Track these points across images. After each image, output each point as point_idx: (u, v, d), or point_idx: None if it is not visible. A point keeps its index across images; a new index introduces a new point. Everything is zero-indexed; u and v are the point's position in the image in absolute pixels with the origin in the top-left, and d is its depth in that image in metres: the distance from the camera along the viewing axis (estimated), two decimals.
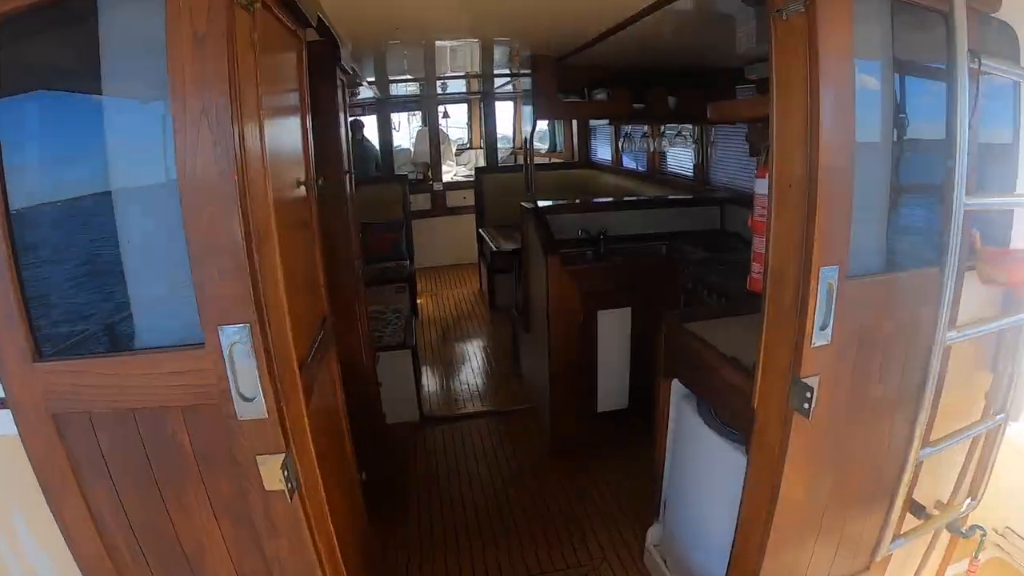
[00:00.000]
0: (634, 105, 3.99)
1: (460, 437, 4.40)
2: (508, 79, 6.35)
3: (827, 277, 1.52)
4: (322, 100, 2.83)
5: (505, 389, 5.02)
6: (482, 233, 6.48)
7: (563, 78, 3.87)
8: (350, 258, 3.04)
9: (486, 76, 5.70)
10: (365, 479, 3.47)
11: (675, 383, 2.58)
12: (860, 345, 1.71)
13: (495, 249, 5.52)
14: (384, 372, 4.41)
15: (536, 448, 4.15)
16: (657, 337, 2.63)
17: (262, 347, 1.42)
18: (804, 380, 1.61)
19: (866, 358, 1.73)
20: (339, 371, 2.37)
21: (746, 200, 4.33)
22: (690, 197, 4.80)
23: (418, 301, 7.00)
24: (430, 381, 5.25)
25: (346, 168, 2.97)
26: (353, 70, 4.51)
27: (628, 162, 6.63)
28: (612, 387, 4.02)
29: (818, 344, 1.58)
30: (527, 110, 9.61)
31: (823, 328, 1.57)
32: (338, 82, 3.00)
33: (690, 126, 4.75)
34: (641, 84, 4.04)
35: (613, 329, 3.87)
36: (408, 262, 6.59)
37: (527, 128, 9.59)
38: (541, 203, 4.19)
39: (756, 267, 1.94)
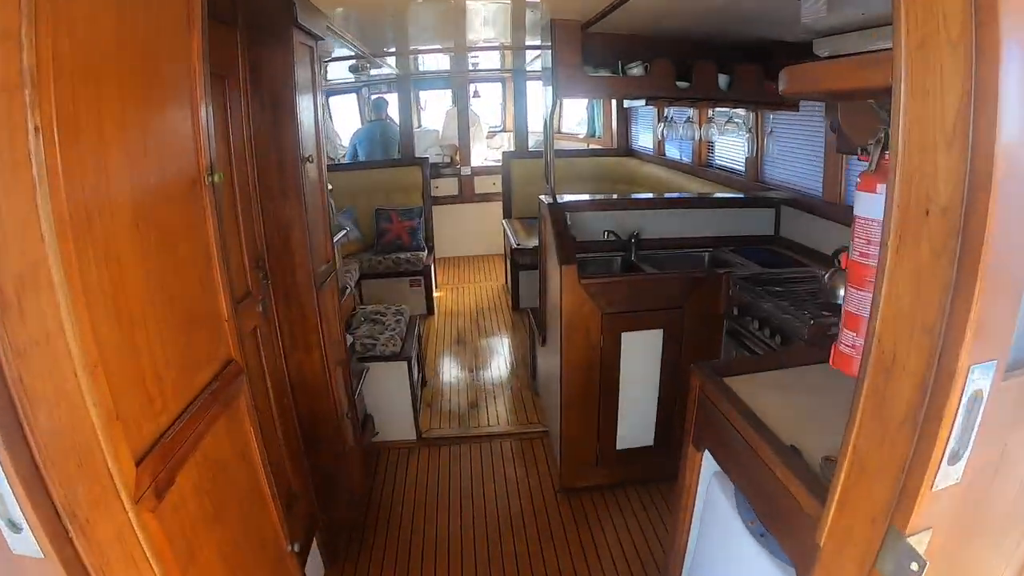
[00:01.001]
0: (677, 83, 3.29)
1: (459, 462, 3.84)
2: (539, 54, 5.67)
3: (977, 380, 0.86)
4: (269, 69, 2.27)
5: (519, 406, 4.43)
6: (504, 226, 5.86)
7: (591, 48, 3.20)
8: (305, 263, 2.46)
9: (516, 48, 5.04)
10: (327, 522, 2.95)
11: (708, 455, 1.93)
12: (996, 476, 1.04)
13: (515, 245, 4.90)
14: (375, 385, 3.89)
15: (545, 483, 3.57)
16: (688, 391, 1.99)
17: (10, 457, 0.86)
18: (910, 540, 0.96)
19: (999, 497, 1.07)
20: (255, 421, 1.80)
21: (808, 203, 3.63)
22: (741, 196, 4.08)
23: (435, 294, 6.44)
24: (435, 391, 4.68)
25: (306, 153, 2.39)
26: (344, 40, 3.92)
27: (672, 151, 5.91)
28: (636, 421, 3.38)
29: (942, 486, 0.93)
30: None
31: (954, 460, 0.92)
32: (301, 48, 2.42)
33: (743, 111, 4.02)
34: (686, 58, 3.34)
35: (640, 354, 3.23)
36: (425, 252, 6.03)
37: (559, 110, 8.90)
38: (562, 197, 3.54)
39: (849, 336, 1.26)
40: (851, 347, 1.25)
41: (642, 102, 3.30)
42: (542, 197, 3.61)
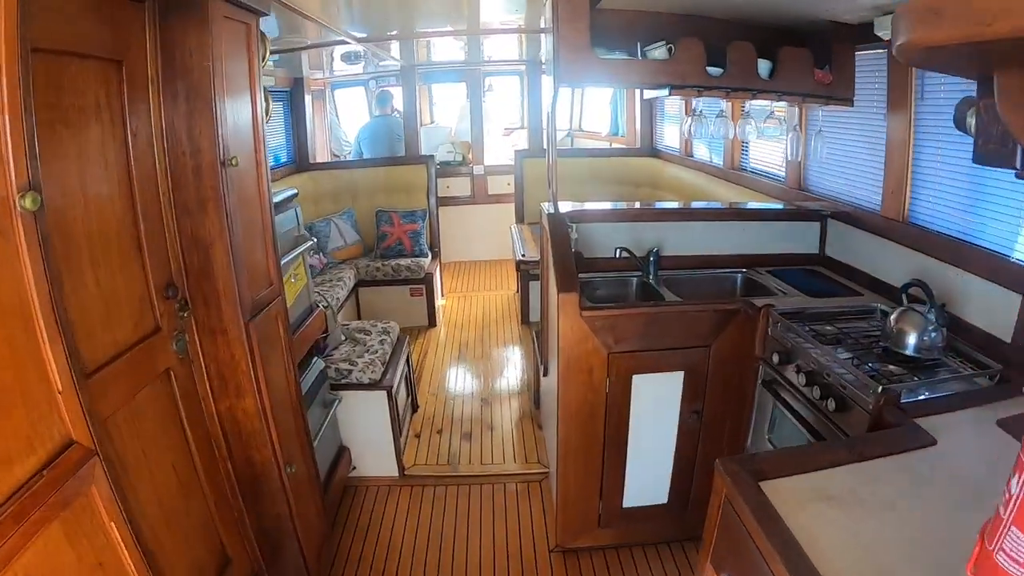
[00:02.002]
0: (708, 69, 2.73)
1: (444, 506, 3.36)
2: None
3: None
4: (183, 52, 1.79)
5: (518, 440, 3.92)
6: (513, 232, 5.33)
7: (602, 27, 2.66)
8: (230, 289, 1.97)
9: (530, 31, 4.49)
10: None
11: None
12: None
13: (522, 256, 4.37)
14: (351, 415, 3.42)
15: (539, 538, 3.07)
16: (711, 495, 1.46)
17: None
18: None
19: None
20: (121, 512, 1.33)
21: (861, 218, 3.06)
22: (779, 207, 3.51)
23: (440, 303, 5.95)
24: (426, 418, 4.18)
25: (228, 155, 1.90)
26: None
27: (700, 152, 5.33)
28: (647, 476, 2.85)
29: None
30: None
31: None
32: (229, 25, 1.93)
33: (784, 104, 3.42)
34: (718, 39, 2.77)
35: (654, 400, 2.70)
36: (428, 259, 5.54)
37: (584, 106, 8.32)
38: (566, 206, 3.00)
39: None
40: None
41: (665, 92, 2.74)
42: (545, 205, 3.08)
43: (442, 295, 6.31)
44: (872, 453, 1.50)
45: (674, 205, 3.87)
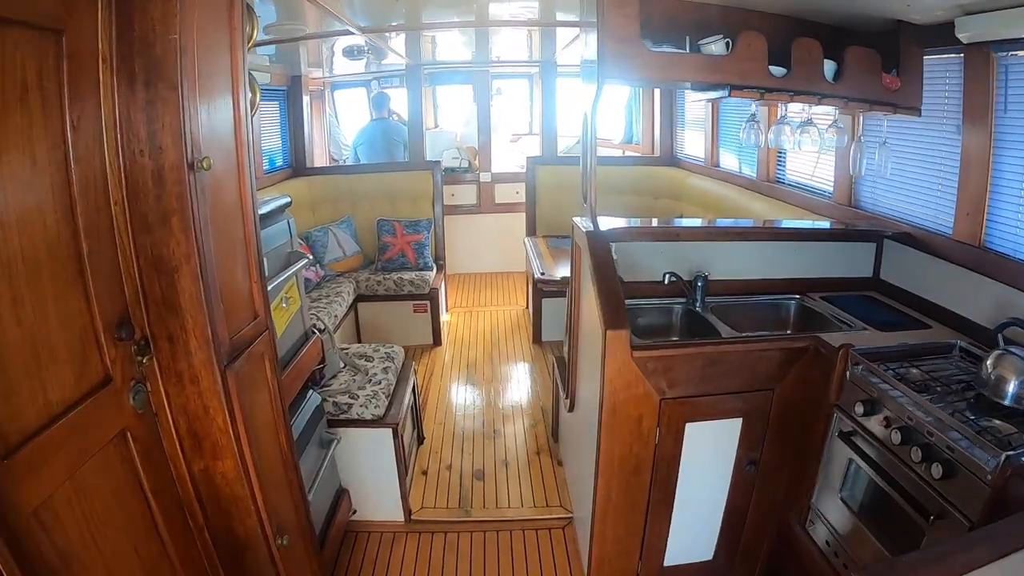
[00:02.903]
0: (770, 68, 2.35)
1: (455, 556, 2.97)
2: (574, 38, 4.76)
3: None
4: (143, 24, 1.39)
5: (536, 478, 3.50)
6: (527, 246, 4.92)
7: (648, 18, 2.26)
8: (200, 327, 1.57)
9: (546, 25, 4.10)
10: None
11: None
12: None
13: (540, 274, 3.96)
14: (351, 454, 3.02)
15: None
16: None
17: None
18: None
19: None
20: None
21: (927, 241, 2.68)
22: (826, 227, 3.13)
23: (444, 318, 5.54)
24: (433, 452, 3.77)
25: (199, 155, 1.50)
26: None
27: (728, 162, 4.94)
28: (693, 532, 2.47)
29: None
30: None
31: None
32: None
33: (834, 111, 3.03)
34: (775, 35, 2.39)
35: (708, 450, 2.31)
36: (433, 272, 5.14)
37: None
38: (606, 222, 2.60)
39: None
40: None
41: (722, 93, 2.36)
42: (578, 221, 2.69)
43: (447, 310, 5.91)
44: (1015, 545, 1.17)
45: (724, 222, 3.47)
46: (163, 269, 1.54)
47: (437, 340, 5.20)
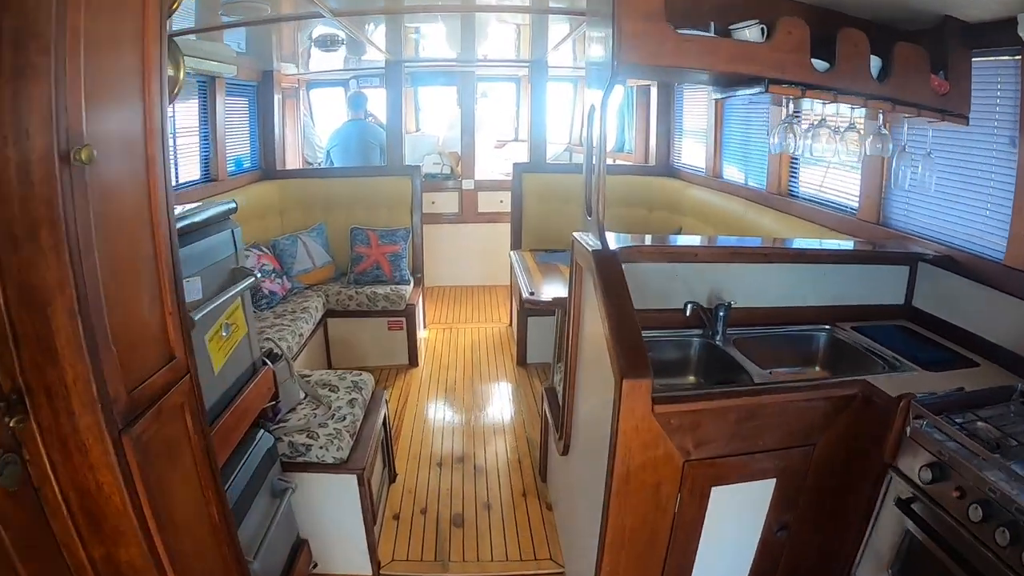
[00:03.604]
0: (813, 61, 1.98)
1: None
2: (567, 35, 4.38)
3: None
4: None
5: (522, 524, 3.09)
6: (513, 261, 4.51)
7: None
8: (83, 378, 1.15)
9: (538, 11, 3.71)
10: None
11: None
12: None
13: (528, 294, 3.55)
14: (310, 501, 2.59)
15: None
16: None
17: None
18: None
19: None
20: None
21: (970, 265, 2.33)
22: (868, 249, 2.77)
23: (422, 336, 5.12)
24: (406, 491, 3.34)
25: (71, 143, 1.07)
26: None
27: (731, 173, 4.60)
28: None
29: None
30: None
31: None
32: None
33: (845, 108, 2.67)
34: (814, 26, 2.02)
35: (734, 515, 1.92)
36: (410, 286, 4.72)
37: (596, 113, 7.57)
38: (614, 240, 2.21)
39: None
40: None
41: (756, 89, 1.99)
42: (580, 237, 2.29)
43: (424, 326, 5.48)
44: None
45: (747, 242, 3.09)
46: (33, 301, 1.11)
47: (414, 360, 4.76)
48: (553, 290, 3.66)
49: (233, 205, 2.08)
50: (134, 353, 1.32)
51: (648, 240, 2.49)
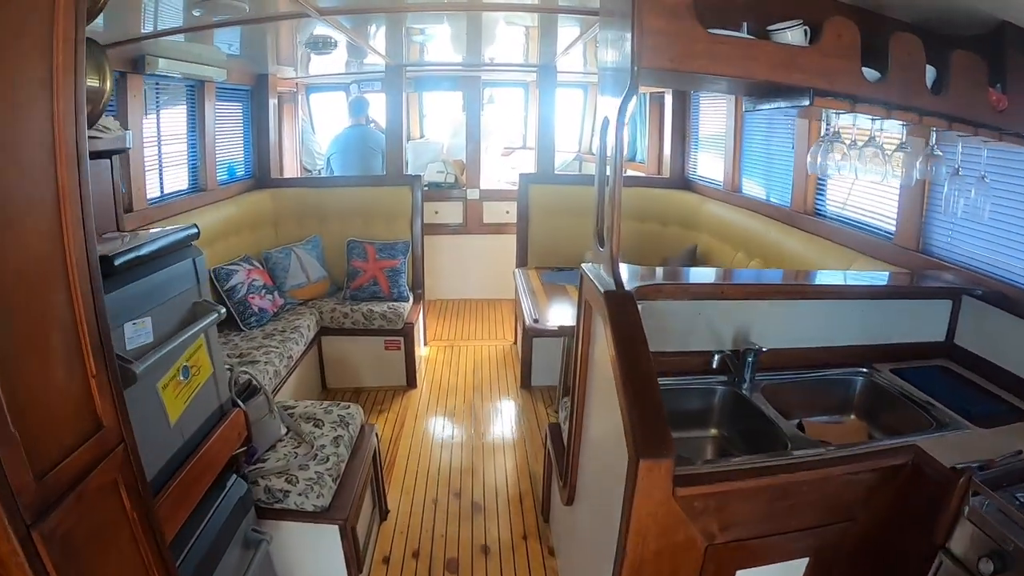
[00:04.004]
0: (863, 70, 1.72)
1: None
2: (576, 39, 4.13)
3: None
4: None
5: (522, 572, 2.83)
6: (518, 280, 4.25)
7: None
8: None
9: (547, 10, 3.45)
10: None
11: None
12: None
13: (533, 321, 3.28)
14: (287, 550, 2.35)
15: None
16: None
17: None
18: None
19: None
20: None
21: (1019, 301, 2.07)
22: (906, 283, 2.52)
23: (421, 354, 4.87)
24: (398, 531, 3.09)
25: None
26: None
27: (751, 188, 4.33)
28: None
29: None
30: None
31: None
32: None
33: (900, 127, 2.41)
34: (869, 28, 1.76)
35: None
36: (409, 303, 4.47)
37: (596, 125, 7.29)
38: (629, 276, 1.94)
39: None
40: None
41: (798, 101, 1.73)
42: (590, 271, 2.03)
43: (425, 343, 5.23)
44: None
45: (770, 276, 2.84)
46: None
47: (412, 382, 4.51)
48: (560, 314, 3.41)
49: (194, 230, 1.83)
50: (45, 432, 1.07)
51: (668, 277, 2.23)
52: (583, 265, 2.09)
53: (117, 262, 1.38)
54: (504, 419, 4.17)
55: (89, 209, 1.12)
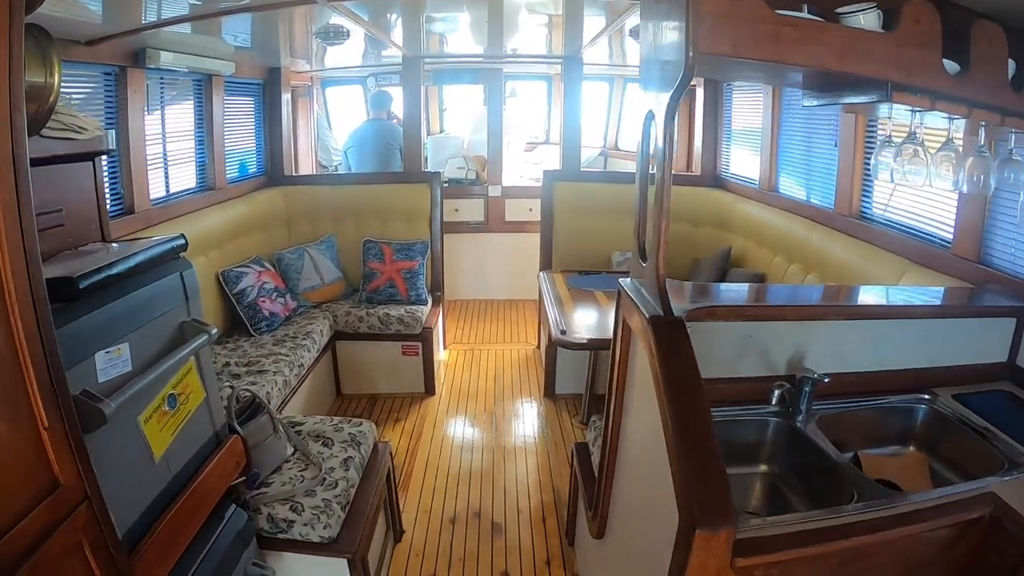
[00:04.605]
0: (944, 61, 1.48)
1: None
2: (605, 28, 3.88)
3: None
4: None
5: None
6: (542, 285, 4.01)
7: None
8: None
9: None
10: None
11: None
12: None
13: (560, 333, 3.03)
14: None
15: None
16: None
17: None
18: None
19: None
20: None
21: None
22: (963, 304, 2.27)
23: (440, 358, 4.68)
24: (414, 552, 2.90)
25: None
26: None
27: (789, 187, 4.07)
28: None
29: None
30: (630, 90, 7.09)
31: None
32: None
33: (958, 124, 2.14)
34: (943, 13, 1.51)
35: None
36: (427, 306, 4.28)
37: (621, 119, 7.03)
38: (678, 294, 1.71)
39: None
40: None
41: (872, 97, 1.49)
42: (629, 287, 1.81)
43: (444, 346, 5.04)
44: None
45: (808, 293, 2.59)
46: None
47: (430, 388, 4.32)
48: (588, 324, 3.18)
49: (182, 241, 1.64)
50: None
51: (715, 295, 1.99)
52: (621, 281, 1.87)
53: (83, 284, 1.19)
54: (526, 429, 3.96)
55: (31, 227, 0.92)
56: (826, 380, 1.77)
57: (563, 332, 2.90)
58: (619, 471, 1.90)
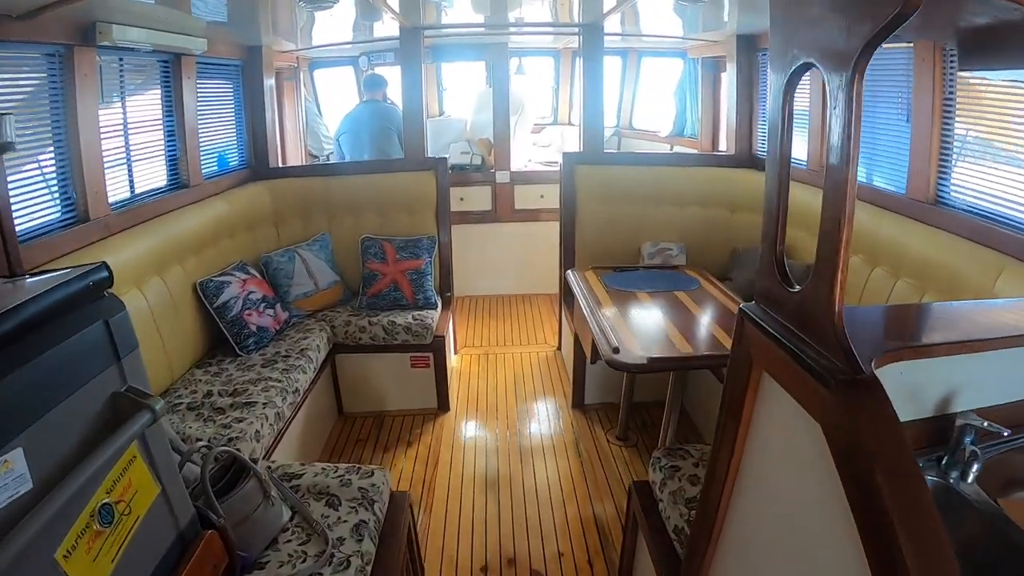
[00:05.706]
0: None
1: None
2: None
3: None
4: None
5: None
6: (576, 288, 3.45)
7: None
8: None
9: None
10: None
11: None
12: None
13: (612, 352, 2.47)
14: None
15: None
16: None
17: None
18: None
19: None
20: None
21: None
22: None
23: (452, 365, 4.20)
24: None
25: None
26: None
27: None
28: None
29: None
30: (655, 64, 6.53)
31: None
32: None
33: None
34: None
35: None
36: (437, 310, 3.80)
37: (636, 97, 6.46)
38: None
39: None
40: None
41: None
42: (758, 314, 1.33)
43: (455, 351, 4.56)
44: None
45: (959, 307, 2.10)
46: None
47: (443, 404, 3.84)
48: (640, 333, 2.70)
49: (104, 274, 1.14)
50: None
51: (918, 335, 1.48)
52: (745, 307, 1.38)
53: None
54: (558, 451, 3.47)
55: None
56: (978, 428, 1.30)
57: (616, 351, 2.40)
58: (728, 542, 1.43)
